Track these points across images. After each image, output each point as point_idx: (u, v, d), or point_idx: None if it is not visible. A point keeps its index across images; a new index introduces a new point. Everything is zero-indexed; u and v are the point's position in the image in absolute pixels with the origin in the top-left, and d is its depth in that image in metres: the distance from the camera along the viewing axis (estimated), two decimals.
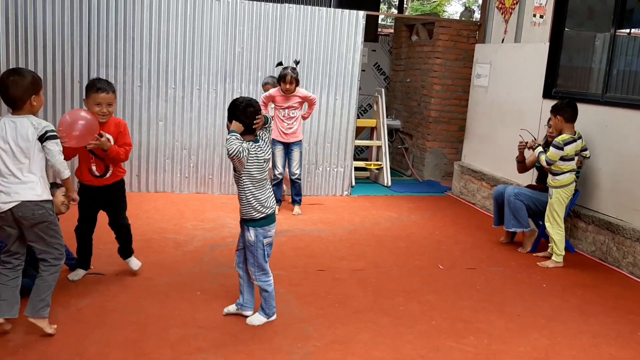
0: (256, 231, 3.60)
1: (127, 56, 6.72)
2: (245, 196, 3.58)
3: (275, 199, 6.48)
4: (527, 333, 3.86)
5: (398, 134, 9.97)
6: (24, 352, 3.15)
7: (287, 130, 6.34)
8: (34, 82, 3.20)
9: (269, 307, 3.74)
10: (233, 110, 3.54)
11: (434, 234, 6.13)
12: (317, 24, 7.23)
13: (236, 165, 3.51)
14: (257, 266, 3.66)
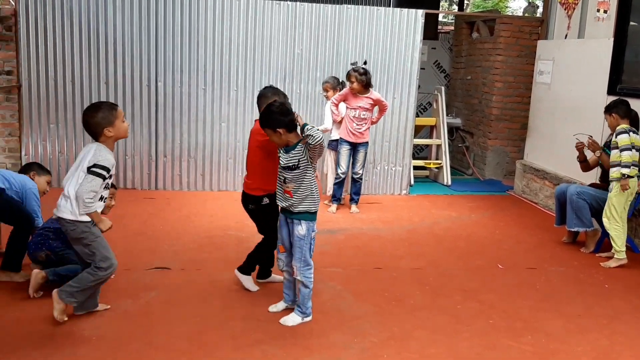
0: (308, 225, 3.70)
1: (192, 61, 6.98)
2: (306, 189, 3.66)
3: (336, 197, 6.58)
4: (586, 333, 3.80)
5: (459, 132, 9.87)
6: (97, 342, 3.36)
7: (356, 131, 6.37)
8: (105, 117, 3.40)
9: (306, 306, 3.77)
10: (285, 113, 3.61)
11: (495, 233, 6.07)
12: (375, 23, 7.28)
13: (314, 156, 3.62)
14: (303, 260, 3.72)
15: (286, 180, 3.67)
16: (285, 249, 3.82)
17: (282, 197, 3.73)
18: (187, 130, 7.09)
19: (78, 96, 6.86)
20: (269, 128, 3.62)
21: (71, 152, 6.92)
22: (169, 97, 7.01)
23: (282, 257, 3.84)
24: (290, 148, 3.66)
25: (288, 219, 3.75)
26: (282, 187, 3.73)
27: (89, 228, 3.43)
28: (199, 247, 5.12)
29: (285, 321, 3.71)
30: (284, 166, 3.67)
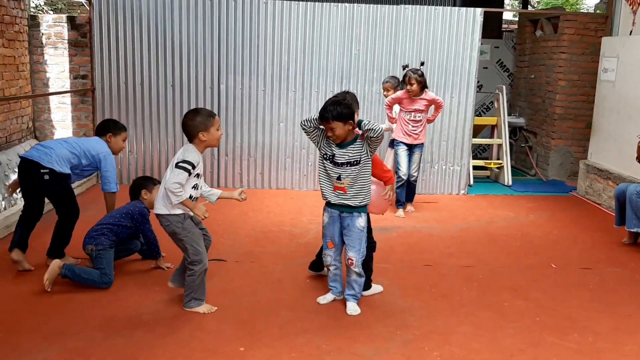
0: (366, 216, 3.85)
1: (252, 63, 7.23)
2: (364, 183, 3.78)
3: (400, 202, 6.49)
4: (636, 334, 3.73)
5: (522, 132, 9.71)
6: (153, 325, 3.60)
7: (412, 133, 6.33)
8: (202, 122, 3.64)
9: (360, 292, 3.94)
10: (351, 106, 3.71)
11: (552, 233, 5.98)
12: (433, 23, 7.31)
13: (375, 147, 3.74)
14: (362, 252, 3.84)
15: (341, 177, 3.75)
16: (334, 244, 3.92)
17: (334, 194, 3.81)
18: (247, 130, 7.36)
19: (147, 98, 7.25)
20: (341, 120, 3.64)
21: (140, 151, 7.32)
22: (231, 99, 7.29)
23: (330, 253, 3.94)
24: (347, 144, 3.73)
25: (343, 213, 3.82)
26: (332, 185, 3.81)
27: (181, 223, 3.68)
28: (254, 241, 5.33)
29: (354, 311, 3.85)
30: (342, 162, 3.73)
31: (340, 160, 3.74)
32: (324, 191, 3.87)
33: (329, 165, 3.80)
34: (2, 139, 6.44)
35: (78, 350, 3.26)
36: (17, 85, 6.77)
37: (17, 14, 6.74)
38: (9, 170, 6.30)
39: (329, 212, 3.90)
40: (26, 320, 3.62)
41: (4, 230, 5.18)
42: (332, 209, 3.88)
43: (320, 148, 3.87)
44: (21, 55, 6.86)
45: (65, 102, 7.41)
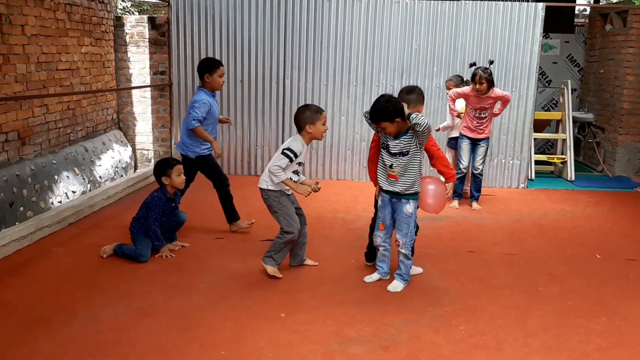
0: (415, 203, 4.14)
1: (316, 59, 7.61)
2: (413, 172, 4.04)
3: (457, 193, 6.61)
4: None
5: (590, 128, 9.57)
6: (208, 292, 4.04)
7: (476, 128, 6.40)
8: (310, 116, 4.16)
9: (407, 273, 4.24)
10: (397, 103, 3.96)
11: (604, 226, 5.99)
12: (493, 18, 7.41)
13: (423, 140, 4.01)
14: (410, 235, 4.14)
15: (393, 165, 4.05)
16: (385, 227, 4.24)
17: (387, 181, 4.13)
18: None
19: (217, 93, 7.76)
20: (387, 120, 3.93)
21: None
22: (295, 93, 7.70)
23: (380, 234, 4.25)
24: (400, 135, 4.00)
25: (393, 199, 4.15)
26: (386, 172, 4.13)
27: (278, 198, 4.24)
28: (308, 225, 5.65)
29: (395, 287, 4.16)
30: (395, 152, 4.03)
31: (393, 150, 4.04)
32: (379, 178, 4.20)
33: (385, 154, 4.12)
34: (89, 129, 7.14)
35: (142, 309, 3.75)
36: (103, 80, 7.47)
37: (104, 15, 7.43)
38: (94, 157, 6.99)
39: (383, 196, 4.23)
40: (101, 282, 4.16)
41: (88, 209, 5.83)
42: (385, 194, 4.20)
43: (380, 138, 4.18)
44: (107, 53, 7.56)
45: (146, 96, 8.07)
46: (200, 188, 6.88)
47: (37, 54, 5.90)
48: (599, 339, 3.53)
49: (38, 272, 4.33)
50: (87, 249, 4.85)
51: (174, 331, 3.46)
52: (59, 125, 6.41)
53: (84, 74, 6.90)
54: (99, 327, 3.50)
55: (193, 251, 4.87)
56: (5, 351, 3.19)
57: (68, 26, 6.48)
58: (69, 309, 3.73)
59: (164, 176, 4.70)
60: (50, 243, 4.96)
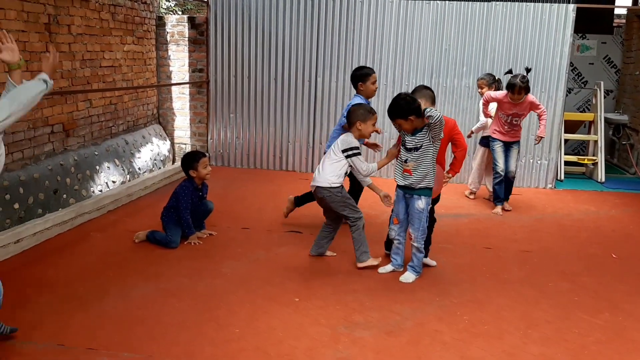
0: (427, 200, 4.30)
1: (347, 59, 7.83)
2: (426, 168, 4.22)
3: (499, 198, 6.47)
4: None
5: (625, 130, 9.49)
6: (230, 276, 4.32)
7: (508, 133, 6.32)
8: (363, 114, 4.44)
9: (419, 265, 4.43)
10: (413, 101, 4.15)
11: (627, 227, 6.02)
12: (524, 19, 7.48)
13: (436, 134, 4.16)
14: (422, 230, 4.33)
15: (408, 160, 4.24)
16: (399, 221, 4.44)
17: (402, 176, 4.31)
18: None
19: (252, 90, 8.09)
20: (401, 118, 4.17)
21: (245, 137, 8.18)
22: (326, 91, 7.94)
23: (395, 228, 4.47)
24: (416, 132, 4.21)
25: (407, 194, 4.34)
26: (402, 167, 4.32)
27: (341, 191, 4.51)
28: None
29: (407, 278, 4.37)
30: (410, 147, 4.23)
31: (409, 145, 4.25)
32: (396, 173, 4.40)
33: (403, 151, 4.33)
34: (130, 123, 7.54)
35: (168, 290, 4.05)
36: (145, 77, 7.86)
37: (146, 15, 7.81)
38: (134, 149, 7.38)
39: (397, 192, 4.43)
40: (133, 265, 4.49)
41: (126, 198, 6.21)
42: (399, 189, 4.40)
43: (401, 135, 4.40)
44: (149, 51, 7.95)
45: (185, 93, 8.43)
46: (231, 181, 7.22)
47: (82, 52, 6.30)
48: (598, 333, 3.65)
49: (76, 254, 4.70)
50: (122, 234, 5.20)
51: (194, 311, 3.75)
52: (101, 119, 6.81)
53: (126, 71, 7.30)
54: (128, 305, 3.81)
55: (220, 239, 5.17)
56: (44, 323, 3.53)
57: (112, 26, 6.87)
58: (102, 287, 4.06)
59: (191, 169, 5.00)
60: (89, 228, 5.34)
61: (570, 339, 3.55)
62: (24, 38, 5.32)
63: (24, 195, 5.22)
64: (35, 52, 5.48)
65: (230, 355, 3.24)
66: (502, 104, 6.23)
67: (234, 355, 3.24)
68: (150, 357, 3.20)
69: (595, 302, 4.11)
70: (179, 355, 3.22)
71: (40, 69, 3.25)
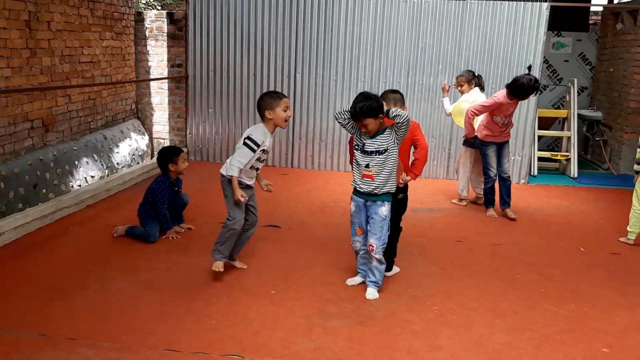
0: (389, 205, 3.99)
1: (326, 55, 7.93)
2: (390, 171, 3.92)
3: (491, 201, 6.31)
4: (635, 309, 4.05)
5: (599, 126, 9.71)
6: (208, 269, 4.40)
7: (501, 133, 6.12)
8: (269, 102, 4.04)
9: (382, 279, 4.12)
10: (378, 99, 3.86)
11: (598, 222, 6.21)
12: (498, 17, 7.64)
13: (403, 135, 3.88)
14: (383, 239, 4.00)
15: (369, 165, 3.91)
16: (362, 231, 4.11)
17: (361, 182, 3.98)
18: (320, 116, 8.07)
19: (232, 86, 8.16)
20: (372, 116, 3.79)
21: (224, 132, 8.24)
22: (305, 87, 8.03)
23: (359, 239, 4.15)
24: (377, 134, 3.89)
25: (368, 202, 4.00)
26: (360, 173, 3.98)
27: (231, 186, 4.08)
28: (310, 213, 6.04)
29: (373, 296, 4.03)
30: (371, 151, 3.89)
31: (369, 149, 3.91)
32: (355, 179, 4.05)
33: (359, 155, 3.98)
34: (109, 118, 7.57)
35: (146, 283, 4.14)
36: (123, 72, 7.89)
37: (125, 11, 7.83)
38: (112, 144, 7.42)
39: (356, 200, 4.08)
40: (112, 259, 4.56)
41: (105, 193, 6.25)
42: (358, 197, 4.05)
43: (354, 138, 4.03)
44: (127, 46, 7.97)
45: (163, 88, 8.47)
46: (210, 176, 7.28)
47: (62, 47, 6.32)
48: (563, 323, 3.81)
49: (57, 248, 4.76)
50: (101, 228, 5.26)
51: (172, 303, 3.84)
52: (80, 114, 6.83)
53: (105, 67, 7.32)
54: (107, 297, 3.89)
55: (198, 234, 5.25)
56: (26, 314, 3.61)
57: (91, 21, 6.90)
58: (82, 280, 4.13)
59: (171, 163, 5.07)
60: (68, 222, 5.39)
61: (536, 329, 3.70)
62: (4, 35, 5.35)
63: (4, 189, 5.26)
64: (16, 49, 5.50)
65: (207, 345, 3.33)
66: (502, 107, 5.89)
67: (211, 345, 3.34)
68: (129, 347, 3.28)
69: (561, 293, 4.27)
70: (157, 345, 3.31)
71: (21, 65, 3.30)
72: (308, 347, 3.37)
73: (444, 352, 3.37)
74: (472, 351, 3.40)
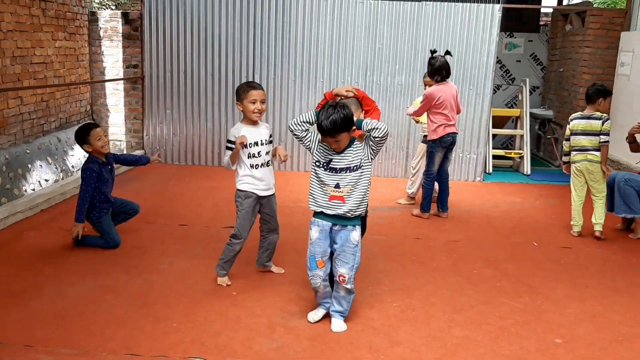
0: (360, 229, 3.52)
1: (284, 55, 7.94)
2: (366, 187, 3.42)
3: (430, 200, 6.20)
4: (585, 300, 4.21)
5: (550, 124, 10.00)
6: (167, 273, 4.37)
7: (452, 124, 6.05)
8: (239, 93, 3.92)
9: (348, 309, 3.67)
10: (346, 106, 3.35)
11: (550, 217, 6.40)
12: (452, 18, 7.79)
13: (379, 148, 3.39)
14: (356, 267, 3.52)
15: (339, 185, 3.37)
16: (324, 263, 3.52)
17: (328, 205, 3.41)
18: (279, 116, 8.08)
19: (189, 86, 8.09)
20: (345, 130, 3.28)
21: (182, 133, 8.17)
22: (264, 87, 7.98)
23: (320, 274, 3.53)
24: (348, 146, 3.38)
25: (335, 226, 3.46)
26: (327, 194, 3.41)
27: (240, 199, 4.10)
28: None
29: (341, 328, 3.59)
30: (341, 168, 3.36)
31: (338, 165, 3.37)
32: (317, 201, 3.46)
33: (324, 173, 3.41)
34: (62, 120, 7.41)
35: (105, 287, 4.08)
36: (77, 74, 7.74)
37: (78, 10, 7.69)
38: (67, 147, 7.27)
39: (320, 225, 3.49)
40: (69, 262, 4.48)
41: (60, 196, 6.12)
42: (324, 220, 3.46)
43: (314, 153, 3.47)
44: (81, 47, 7.82)
45: (119, 89, 8.34)
46: (168, 178, 7.21)
47: (12, 48, 6.17)
48: (518, 316, 3.92)
49: (11, 253, 4.64)
50: (57, 232, 5.15)
51: (132, 306, 3.80)
52: (32, 116, 6.68)
53: (58, 67, 7.17)
54: (65, 302, 3.82)
55: (157, 236, 5.20)
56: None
57: (43, 22, 6.74)
58: (38, 285, 4.05)
59: (85, 144, 4.63)
60: (23, 227, 5.27)
61: (492, 322, 3.81)
62: None
63: None
64: None
65: (168, 347, 3.32)
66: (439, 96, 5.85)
67: (172, 347, 3.32)
68: (88, 352, 3.23)
69: (516, 287, 4.40)
70: (117, 350, 3.27)
71: None
72: (270, 346, 3.39)
73: (404, 348, 3.44)
74: (431, 345, 3.47)
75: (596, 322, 3.88)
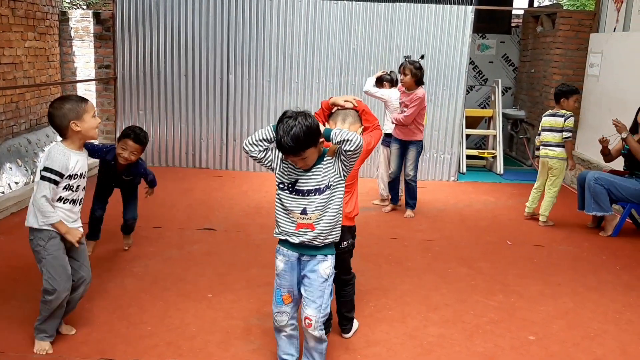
0: (332, 259, 2.93)
1: (259, 55, 7.91)
2: (336, 214, 2.86)
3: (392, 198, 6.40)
4: (558, 297, 4.27)
5: (522, 124, 10.14)
6: (142, 276, 4.32)
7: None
8: (72, 109, 3.01)
9: None
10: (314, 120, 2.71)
11: (522, 216, 6.47)
12: (426, 19, 7.85)
13: (352, 164, 2.83)
14: (325, 307, 2.90)
15: (306, 210, 2.80)
16: (292, 298, 2.99)
17: (295, 234, 2.84)
18: (254, 117, 8.05)
19: (162, 87, 8.01)
20: (312, 145, 2.69)
21: (156, 135, 8.08)
22: (238, 88, 7.99)
23: (287, 310, 2.99)
24: (315, 163, 2.80)
25: (303, 257, 2.90)
26: (293, 222, 2.84)
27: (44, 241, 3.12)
28: (246, 215, 6.02)
29: None
30: (308, 190, 2.79)
31: (305, 187, 2.80)
32: (283, 229, 2.89)
33: (289, 197, 2.83)
34: (33, 121, 7.28)
35: None
36: (48, 74, 7.61)
37: (48, 10, 7.56)
38: (37, 149, 7.14)
39: (286, 254, 2.93)
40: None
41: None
42: (290, 250, 2.91)
43: (277, 174, 2.88)
44: (51, 47, 7.69)
45: (91, 90, 8.22)
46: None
47: None
48: (492, 314, 3.97)
49: None
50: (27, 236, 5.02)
51: (105, 310, 3.74)
52: (1, 117, 6.54)
53: (28, 68, 7.04)
54: (35, 307, 3.71)
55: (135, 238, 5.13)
56: None
57: (12, 21, 6.62)
58: (8, 290, 3.97)
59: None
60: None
61: (467, 320, 3.84)
62: None
63: None
64: None
65: (143, 351, 3.27)
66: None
67: (146, 351, 3.28)
68: (61, 357, 3.18)
69: (489, 286, 4.44)
70: (90, 354, 3.22)
71: None
72: (247, 348, 3.37)
73: (380, 347, 3.45)
74: (407, 344, 3.49)
75: (568, 318, 3.94)
